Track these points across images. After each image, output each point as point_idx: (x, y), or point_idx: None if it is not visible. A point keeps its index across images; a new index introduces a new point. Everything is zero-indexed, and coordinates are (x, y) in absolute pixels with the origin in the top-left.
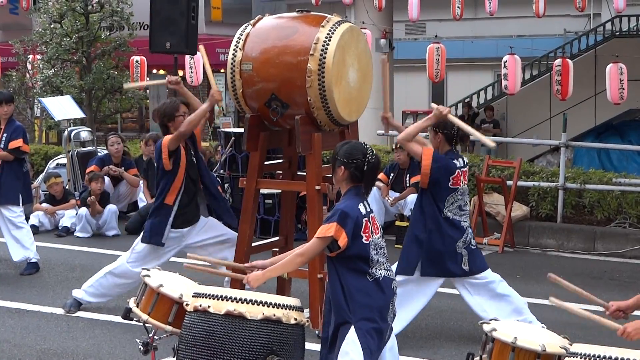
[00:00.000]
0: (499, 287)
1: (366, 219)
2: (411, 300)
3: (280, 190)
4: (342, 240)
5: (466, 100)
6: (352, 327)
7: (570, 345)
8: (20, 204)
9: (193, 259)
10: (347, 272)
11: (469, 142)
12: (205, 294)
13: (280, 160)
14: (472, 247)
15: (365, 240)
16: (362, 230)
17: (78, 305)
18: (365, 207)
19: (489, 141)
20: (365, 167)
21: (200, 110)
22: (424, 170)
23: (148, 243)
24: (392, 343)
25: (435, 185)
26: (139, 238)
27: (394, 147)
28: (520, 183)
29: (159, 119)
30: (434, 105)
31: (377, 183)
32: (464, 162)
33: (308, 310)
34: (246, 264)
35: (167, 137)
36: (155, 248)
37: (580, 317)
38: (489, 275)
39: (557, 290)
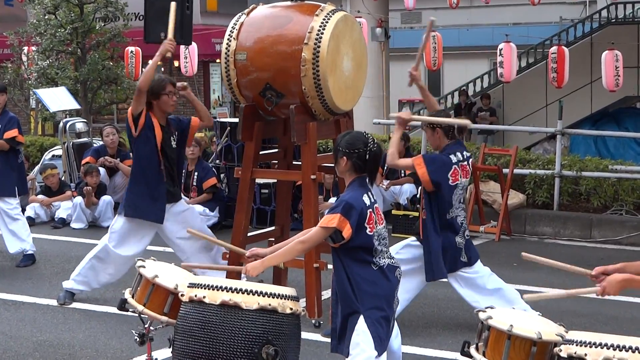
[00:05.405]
0: (489, 282)
1: (370, 210)
2: (408, 281)
3: (276, 180)
4: (347, 232)
5: (462, 89)
6: (361, 317)
7: (566, 332)
8: (16, 196)
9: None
10: (352, 262)
11: (465, 134)
12: (201, 284)
13: (276, 150)
14: (467, 236)
15: (369, 231)
16: (367, 221)
17: (71, 296)
18: (370, 198)
19: (462, 121)
20: (367, 157)
21: (152, 62)
22: (423, 178)
23: (153, 220)
24: (397, 330)
25: (439, 187)
26: (116, 217)
27: (390, 136)
28: (516, 171)
29: None
30: (393, 114)
31: None
32: (462, 155)
33: (304, 299)
34: (247, 251)
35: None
36: (134, 227)
37: (562, 297)
38: (479, 269)
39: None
